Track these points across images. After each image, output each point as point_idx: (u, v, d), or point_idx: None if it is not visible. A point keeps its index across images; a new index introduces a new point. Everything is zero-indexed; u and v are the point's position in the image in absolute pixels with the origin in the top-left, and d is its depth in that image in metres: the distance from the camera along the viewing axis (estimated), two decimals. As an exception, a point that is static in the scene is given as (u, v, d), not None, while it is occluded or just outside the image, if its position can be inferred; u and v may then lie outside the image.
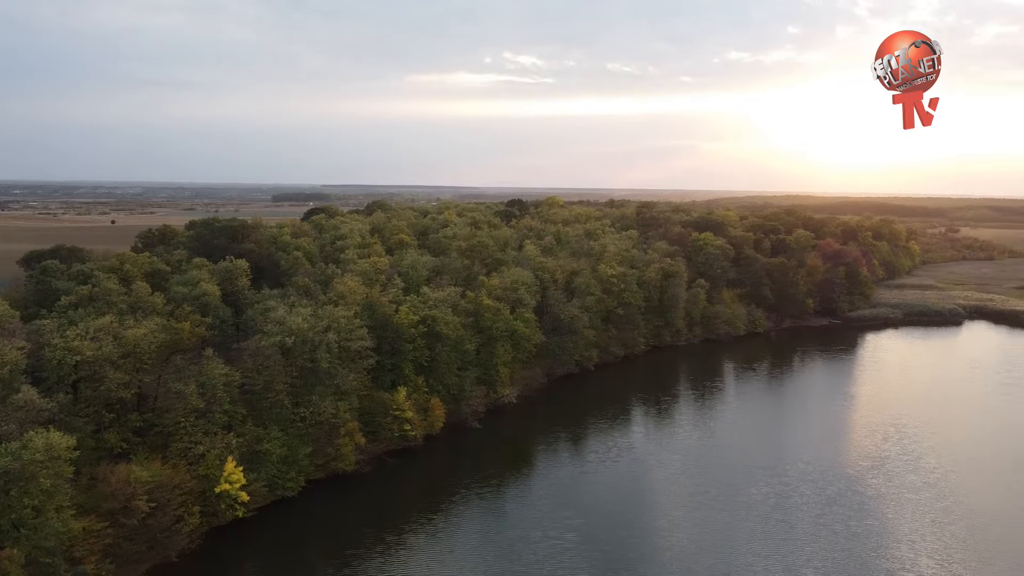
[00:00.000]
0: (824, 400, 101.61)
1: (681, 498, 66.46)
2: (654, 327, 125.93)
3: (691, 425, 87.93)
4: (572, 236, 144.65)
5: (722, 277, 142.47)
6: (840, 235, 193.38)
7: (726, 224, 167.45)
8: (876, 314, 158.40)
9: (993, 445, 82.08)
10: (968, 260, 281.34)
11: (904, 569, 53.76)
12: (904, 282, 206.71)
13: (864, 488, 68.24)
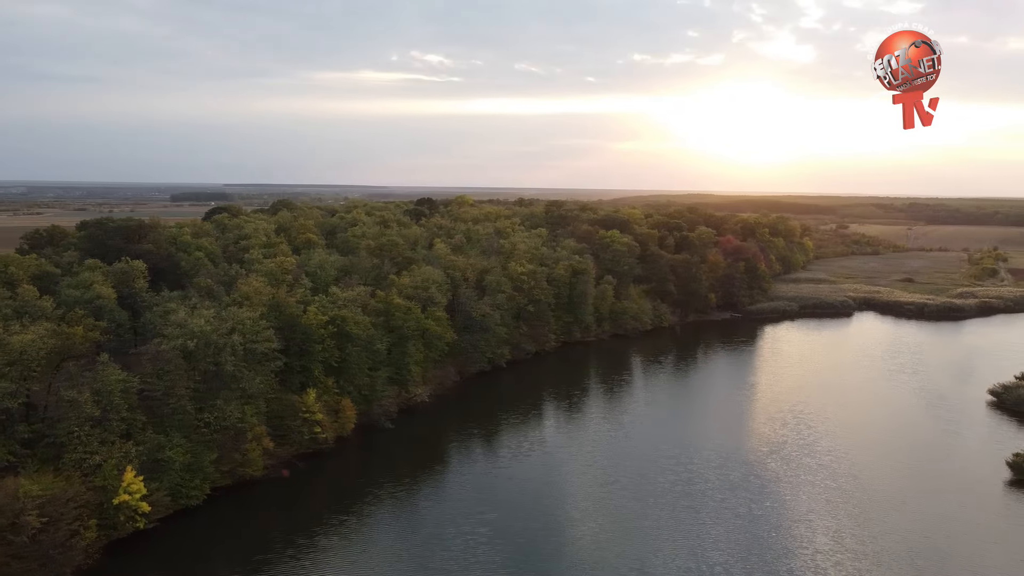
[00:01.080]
0: (727, 390, 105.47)
1: (592, 489, 67.82)
2: (564, 323, 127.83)
3: (601, 418, 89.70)
4: (482, 234, 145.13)
5: (629, 273, 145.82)
6: (739, 232, 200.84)
7: (632, 222, 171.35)
8: (774, 307, 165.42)
9: (881, 427, 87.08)
10: (857, 255, 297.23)
11: (802, 547, 56.52)
12: (799, 276, 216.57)
13: (764, 472, 71.34)
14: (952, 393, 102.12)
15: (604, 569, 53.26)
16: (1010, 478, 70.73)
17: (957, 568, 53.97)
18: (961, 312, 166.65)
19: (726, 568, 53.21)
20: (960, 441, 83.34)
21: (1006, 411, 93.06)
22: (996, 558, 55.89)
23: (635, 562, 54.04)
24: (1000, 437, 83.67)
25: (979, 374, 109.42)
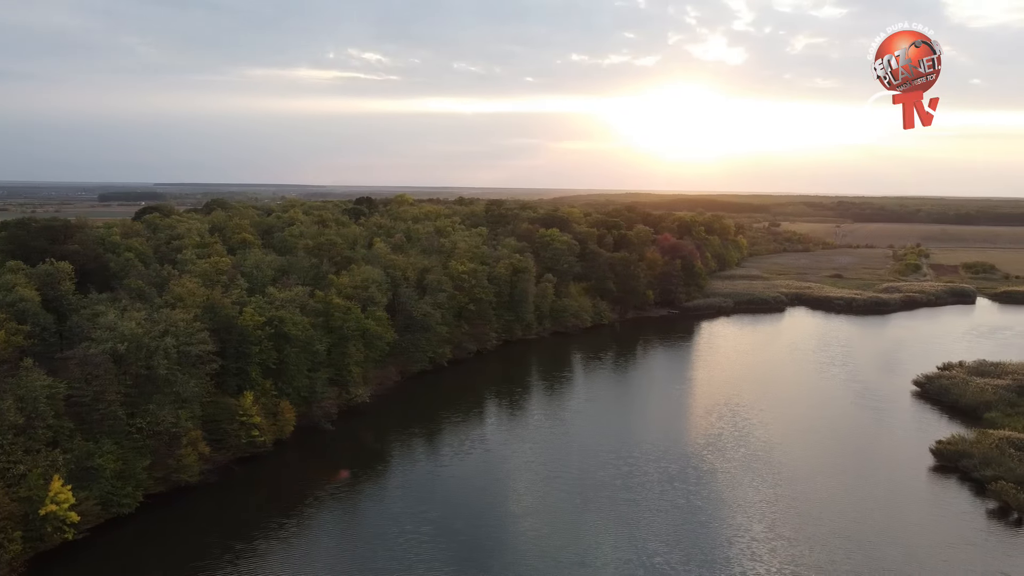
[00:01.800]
0: (665, 385, 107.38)
1: (534, 484, 68.30)
2: (505, 322, 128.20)
3: (542, 415, 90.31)
4: (423, 233, 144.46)
5: (569, 271, 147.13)
6: (676, 230, 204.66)
7: (572, 221, 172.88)
8: (710, 303, 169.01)
9: (813, 418, 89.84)
10: (788, 252, 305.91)
11: (739, 536, 57.99)
12: (734, 273, 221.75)
13: (701, 464, 72.93)
14: (879, 384, 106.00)
15: (546, 562, 53.74)
16: (934, 464, 73.81)
17: (886, 549, 56.06)
18: (887, 306, 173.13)
19: (666, 558, 54.28)
20: (887, 429, 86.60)
21: (929, 400, 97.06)
22: (922, 539, 58.39)
23: (577, 555, 54.69)
24: (924, 425, 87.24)
25: (904, 365, 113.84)
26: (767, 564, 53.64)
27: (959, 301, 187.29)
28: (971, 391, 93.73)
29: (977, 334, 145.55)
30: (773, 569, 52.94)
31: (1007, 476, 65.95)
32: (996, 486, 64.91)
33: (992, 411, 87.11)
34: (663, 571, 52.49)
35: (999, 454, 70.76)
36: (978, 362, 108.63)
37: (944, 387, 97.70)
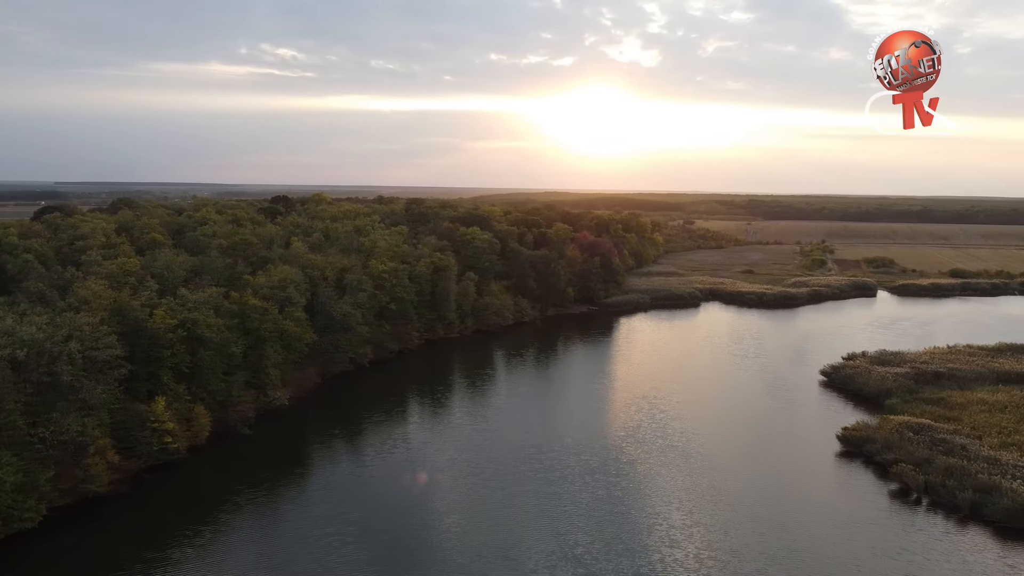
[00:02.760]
0: (586, 380, 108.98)
1: (457, 481, 68.35)
2: (427, 321, 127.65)
3: (465, 413, 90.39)
4: (342, 232, 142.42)
5: (490, 270, 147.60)
6: (595, 228, 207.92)
7: (492, 219, 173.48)
8: (628, 300, 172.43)
9: (727, 408, 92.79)
10: (702, 249, 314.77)
11: (658, 523, 59.54)
12: (651, 270, 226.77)
13: (621, 455, 74.46)
14: (789, 374, 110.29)
15: (471, 558, 53.93)
16: (840, 450, 77.27)
17: (796, 531, 58.55)
18: (795, 300, 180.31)
19: (587, 548, 55.26)
20: (797, 418, 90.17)
21: (835, 389, 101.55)
22: (829, 520, 61.10)
23: (501, 549, 55.07)
24: (831, 413, 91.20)
25: (812, 356, 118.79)
26: (685, 550, 55.26)
27: (861, 294, 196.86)
28: (873, 380, 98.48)
29: (878, 325, 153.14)
30: (691, 554, 54.58)
31: (906, 459, 69.69)
32: (896, 468, 68.53)
33: (892, 398, 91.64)
34: (585, 561, 53.43)
35: (899, 438, 74.63)
36: (879, 352, 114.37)
37: (849, 376, 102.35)
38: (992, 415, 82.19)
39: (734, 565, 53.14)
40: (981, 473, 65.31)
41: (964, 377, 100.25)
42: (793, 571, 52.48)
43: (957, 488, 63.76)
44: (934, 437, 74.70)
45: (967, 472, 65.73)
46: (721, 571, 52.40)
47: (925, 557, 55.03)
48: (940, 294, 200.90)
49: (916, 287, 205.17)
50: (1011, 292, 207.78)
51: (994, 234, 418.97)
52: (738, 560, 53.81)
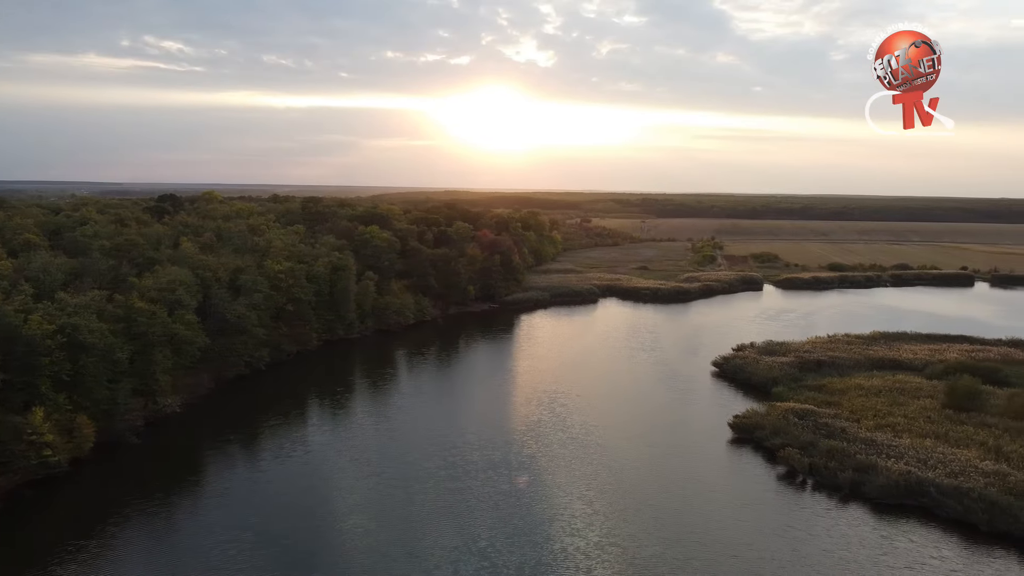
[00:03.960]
0: (488, 377, 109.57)
1: (358, 481, 67.56)
2: (326, 321, 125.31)
3: (366, 413, 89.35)
4: (235, 232, 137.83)
5: (390, 269, 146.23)
6: (495, 226, 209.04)
7: (392, 218, 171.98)
8: (529, 297, 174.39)
9: (625, 400, 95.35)
10: (599, 246, 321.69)
11: (560, 514, 60.68)
12: (550, 267, 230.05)
13: (522, 450, 75.40)
14: (683, 366, 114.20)
15: (375, 557, 53.47)
16: (732, 437, 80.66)
17: (691, 515, 60.90)
18: (688, 295, 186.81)
19: (491, 541, 55.75)
20: (691, 407, 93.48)
21: (726, 379, 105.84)
22: (722, 504, 63.83)
23: (405, 547, 54.83)
24: (723, 402, 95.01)
25: (704, 348, 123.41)
26: (586, 538, 56.58)
27: (749, 288, 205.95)
28: (761, 369, 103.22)
29: (765, 317, 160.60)
30: (591, 542, 55.93)
31: (792, 443, 73.49)
32: (784, 452, 72.16)
33: (779, 386, 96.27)
34: (488, 554, 53.89)
35: (785, 424, 78.55)
36: (766, 342, 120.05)
37: (739, 366, 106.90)
38: (868, 399, 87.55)
39: (633, 550, 54.81)
40: (859, 454, 69.56)
41: (843, 364, 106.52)
42: (689, 552, 54.56)
43: (838, 468, 67.75)
44: (817, 422, 79.02)
45: (847, 453, 69.92)
46: (621, 556, 53.95)
47: (809, 533, 58.33)
48: (820, 287, 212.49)
49: (799, 280, 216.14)
50: (883, 284, 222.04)
51: (867, 230, 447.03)
52: (637, 545, 55.53)
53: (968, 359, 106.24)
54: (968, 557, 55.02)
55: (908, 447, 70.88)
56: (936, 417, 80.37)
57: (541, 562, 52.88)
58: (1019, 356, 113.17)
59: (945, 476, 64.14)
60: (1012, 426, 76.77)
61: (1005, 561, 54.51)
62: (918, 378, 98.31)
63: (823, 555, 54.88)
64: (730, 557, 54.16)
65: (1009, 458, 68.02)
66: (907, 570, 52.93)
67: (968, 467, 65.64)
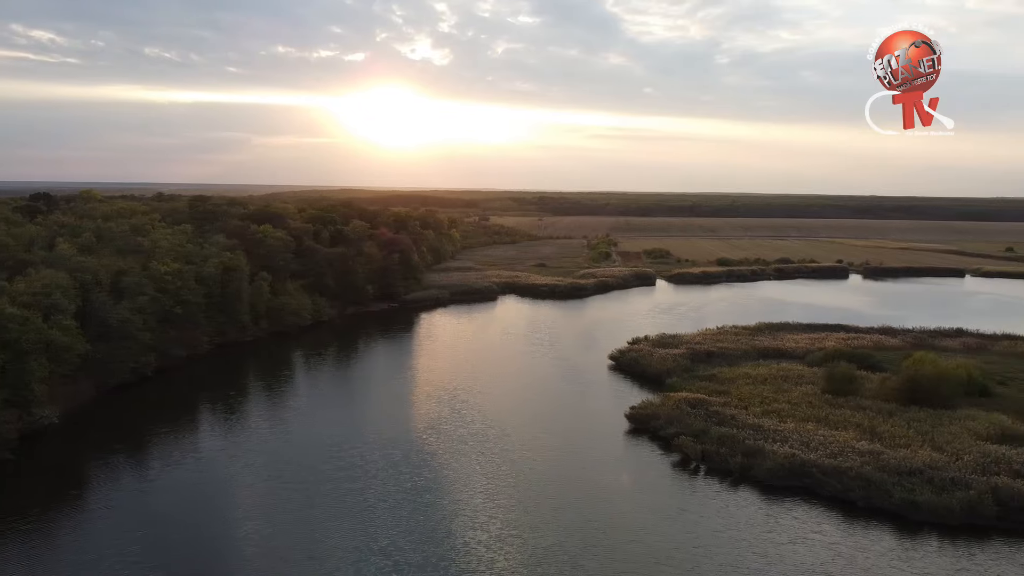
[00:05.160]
0: (388, 376, 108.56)
1: (254, 486, 65.74)
2: (218, 324, 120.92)
3: (261, 416, 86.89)
4: (116, 232, 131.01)
5: (285, 268, 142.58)
6: (393, 225, 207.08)
7: (285, 216, 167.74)
8: (428, 295, 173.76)
9: (524, 395, 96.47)
10: (498, 244, 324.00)
11: (461, 509, 60.90)
12: (449, 265, 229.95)
13: (423, 447, 75.21)
14: (581, 360, 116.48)
15: (273, 562, 52.15)
16: (628, 427, 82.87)
17: (590, 505, 62.27)
18: (585, 291, 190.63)
19: (393, 540, 55.38)
20: (589, 400, 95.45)
21: (622, 372, 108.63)
22: (619, 491, 65.68)
23: (304, 550, 53.72)
24: (619, 394, 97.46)
25: (601, 342, 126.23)
26: (487, 531, 57.03)
27: (643, 283, 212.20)
28: (655, 361, 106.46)
29: (658, 311, 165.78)
30: (493, 535, 56.43)
31: (686, 431, 76.16)
32: (678, 441, 74.70)
33: (672, 377, 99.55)
34: (390, 552, 53.52)
35: (679, 413, 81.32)
36: (660, 335, 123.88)
37: (634, 359, 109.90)
38: (755, 387, 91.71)
39: (533, 540, 55.62)
40: (748, 439, 72.79)
41: (731, 355, 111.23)
42: (588, 539, 55.82)
43: (728, 454, 70.74)
44: (708, 410, 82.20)
45: (736, 439, 73.05)
46: (521, 547, 54.66)
47: (701, 515, 60.76)
48: (709, 281, 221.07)
49: (689, 275, 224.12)
50: (767, 277, 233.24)
51: (752, 226, 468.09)
52: (537, 535, 56.39)
53: (845, 347, 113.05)
54: (846, 531, 58.62)
55: (792, 431, 74.71)
56: (817, 402, 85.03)
57: (444, 557, 52.92)
58: (890, 343, 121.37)
59: (826, 457, 67.94)
60: (884, 408, 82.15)
61: (879, 533, 58.39)
62: (800, 366, 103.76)
63: (714, 535, 57.29)
64: (628, 542, 55.77)
65: (882, 438, 72.78)
66: (791, 545, 55.91)
67: (846, 448, 69.77)
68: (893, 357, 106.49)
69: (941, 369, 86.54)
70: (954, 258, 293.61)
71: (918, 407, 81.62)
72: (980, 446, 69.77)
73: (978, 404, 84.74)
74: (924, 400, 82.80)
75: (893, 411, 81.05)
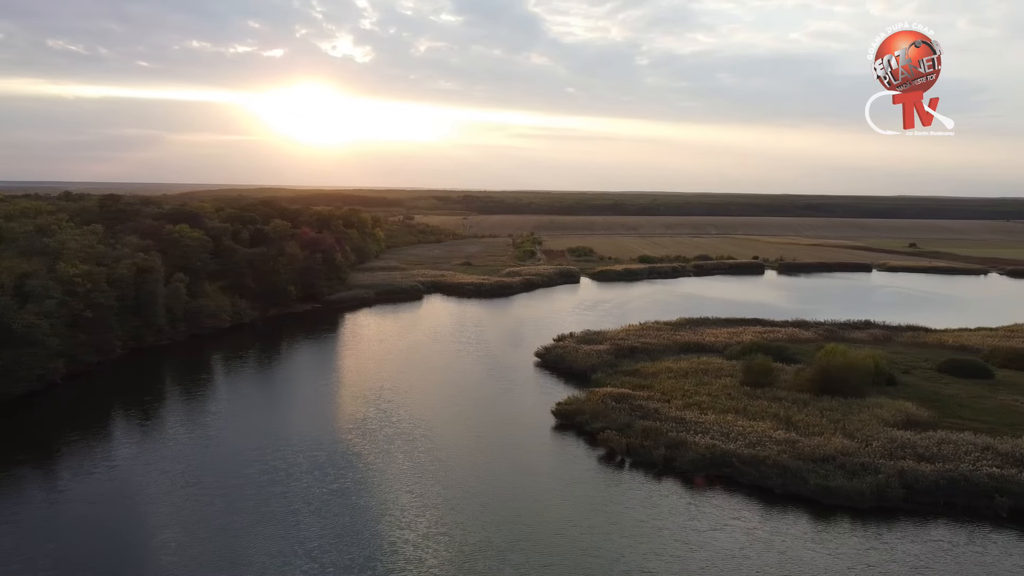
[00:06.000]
0: (312, 378, 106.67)
1: (171, 494, 63.59)
2: (132, 327, 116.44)
3: (179, 422, 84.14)
4: (20, 233, 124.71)
5: (203, 269, 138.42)
6: (315, 224, 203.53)
7: (203, 215, 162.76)
8: (353, 295, 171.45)
9: (451, 393, 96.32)
10: (423, 243, 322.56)
11: (389, 509, 60.44)
12: (374, 265, 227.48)
13: (349, 448, 74.29)
14: (507, 358, 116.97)
15: (193, 570, 50.58)
16: (555, 423, 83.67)
17: (518, 500, 62.70)
18: (510, 289, 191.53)
19: (319, 542, 54.53)
20: (516, 397, 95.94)
21: (549, 368, 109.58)
22: (547, 486, 66.15)
23: (227, 557, 52.33)
24: (546, 390, 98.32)
25: (527, 340, 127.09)
26: (415, 530, 56.79)
27: (567, 281, 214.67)
28: (580, 357, 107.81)
29: (583, 308, 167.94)
30: (420, 533, 56.23)
31: (611, 425, 77.40)
32: (603, 435, 75.85)
33: (597, 372, 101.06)
34: (316, 555, 52.69)
35: (604, 408, 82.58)
36: (585, 332, 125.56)
37: (560, 355, 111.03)
38: (677, 381, 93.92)
39: (461, 537, 55.67)
40: (671, 432, 74.51)
41: (654, 350, 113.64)
42: (516, 534, 56.18)
43: (652, 446, 72.23)
44: (633, 404, 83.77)
45: (660, 432, 74.67)
46: (448, 544, 54.64)
47: (626, 507, 61.94)
48: (632, 278, 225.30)
49: (612, 272, 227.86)
50: (687, 274, 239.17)
51: (672, 224, 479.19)
52: (465, 532, 56.44)
53: (761, 340, 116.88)
54: (764, 517, 60.70)
55: (713, 423, 76.86)
56: (736, 394, 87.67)
57: (371, 557, 52.42)
58: (803, 335, 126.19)
59: (745, 447, 70.15)
60: (799, 398, 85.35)
61: (795, 517, 60.67)
62: (719, 359, 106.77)
63: (638, 524, 58.51)
64: (554, 535, 56.39)
65: (798, 427, 75.64)
66: (711, 531, 57.58)
67: (764, 437, 72.22)
68: (806, 349, 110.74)
69: (851, 360, 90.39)
70: (862, 254, 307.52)
71: (830, 396, 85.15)
72: (888, 432, 73.32)
73: (885, 392, 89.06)
74: (836, 390, 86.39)
75: (807, 401, 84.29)
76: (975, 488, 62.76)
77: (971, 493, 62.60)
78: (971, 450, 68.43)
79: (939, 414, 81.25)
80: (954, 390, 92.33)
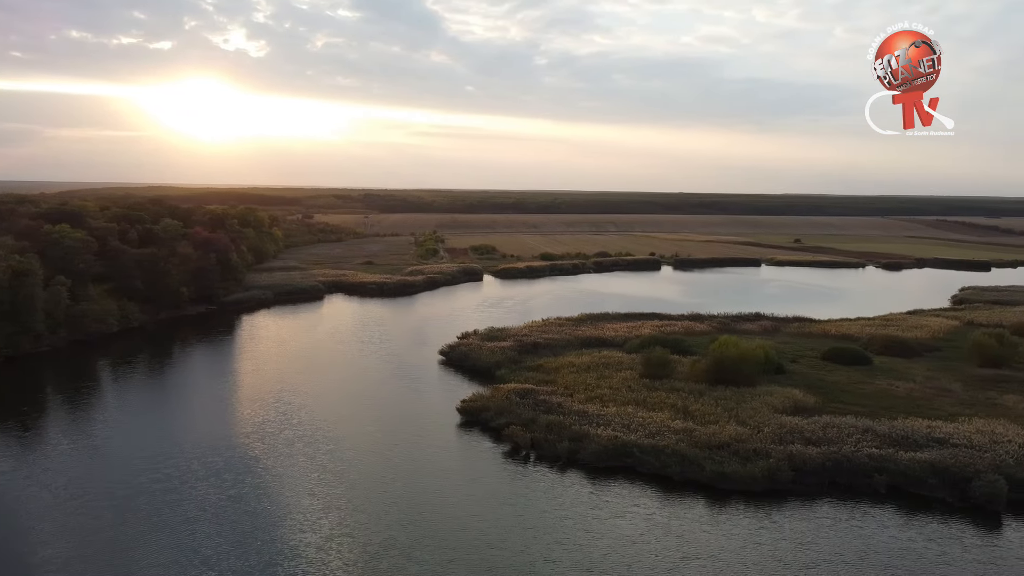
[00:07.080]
0: (207, 382, 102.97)
1: (54, 508, 60.09)
2: (8, 334, 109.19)
3: (61, 432, 79.56)
4: None
5: (87, 272, 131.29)
6: (209, 223, 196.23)
7: (85, 215, 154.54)
8: (250, 296, 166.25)
9: (355, 393, 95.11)
10: (323, 242, 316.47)
11: (290, 513, 59.06)
12: (272, 265, 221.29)
13: (248, 452, 72.21)
14: (412, 356, 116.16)
15: (80, 589, 48.01)
16: (460, 420, 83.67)
17: (423, 498, 62.49)
18: (413, 287, 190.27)
19: (216, 548, 52.76)
20: (421, 396, 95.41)
21: (453, 366, 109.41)
22: (453, 482, 66.21)
23: (116, 570, 49.92)
24: (451, 388, 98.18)
25: (431, 338, 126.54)
26: (317, 532, 55.75)
27: (470, 279, 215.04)
28: (484, 354, 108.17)
29: (486, 305, 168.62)
30: (322, 535, 55.24)
31: (516, 421, 77.97)
32: (508, 430, 76.33)
33: (501, 369, 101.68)
34: (213, 563, 50.91)
35: (509, 404, 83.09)
36: (489, 329, 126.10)
37: (464, 353, 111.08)
38: (579, 375, 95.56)
39: (365, 537, 55.06)
40: (574, 425, 75.74)
41: (556, 345, 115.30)
42: (422, 532, 56.01)
43: (556, 440, 73.28)
44: (536, 399, 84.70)
45: (563, 426, 75.79)
46: (352, 544, 53.94)
47: (530, 499, 62.76)
48: (534, 275, 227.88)
49: (515, 270, 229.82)
50: (587, 271, 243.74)
51: (572, 222, 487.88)
52: (368, 532, 55.83)
53: (659, 333, 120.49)
54: (664, 503, 62.72)
55: (614, 415, 78.62)
56: (636, 386, 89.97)
57: (272, 562, 51.08)
58: (698, 328, 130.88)
59: (645, 437, 72.10)
60: (695, 388, 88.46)
61: (692, 502, 62.95)
62: (619, 353, 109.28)
63: (542, 515, 59.41)
64: (460, 530, 56.52)
65: (694, 416, 78.38)
66: (612, 519, 59.07)
67: (663, 427, 74.42)
68: (701, 341, 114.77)
69: (743, 351, 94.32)
70: (751, 249, 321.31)
71: (724, 386, 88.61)
72: (777, 418, 76.94)
73: (775, 380, 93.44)
74: (729, 379, 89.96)
75: (703, 391, 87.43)
76: (856, 468, 66.74)
77: (853, 472, 66.54)
78: (852, 432, 72.67)
79: (824, 400, 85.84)
80: (837, 377, 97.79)
